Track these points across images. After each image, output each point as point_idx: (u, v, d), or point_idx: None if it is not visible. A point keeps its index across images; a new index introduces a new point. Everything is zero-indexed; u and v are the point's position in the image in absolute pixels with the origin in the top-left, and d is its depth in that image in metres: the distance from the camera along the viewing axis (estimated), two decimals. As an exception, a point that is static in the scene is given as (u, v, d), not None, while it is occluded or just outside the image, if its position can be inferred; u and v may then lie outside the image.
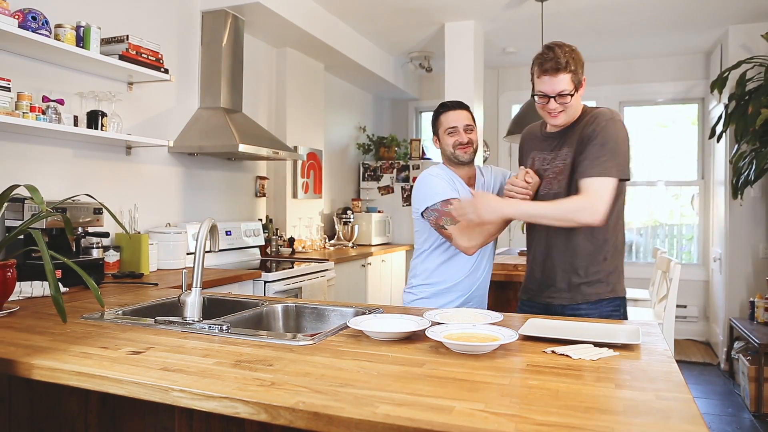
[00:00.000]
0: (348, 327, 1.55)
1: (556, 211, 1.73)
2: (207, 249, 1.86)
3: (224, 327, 1.56)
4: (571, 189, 1.82)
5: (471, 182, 2.15)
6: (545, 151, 1.92)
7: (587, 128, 1.79)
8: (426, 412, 0.96)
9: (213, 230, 1.78)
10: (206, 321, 1.62)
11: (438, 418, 0.93)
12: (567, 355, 1.32)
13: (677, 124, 5.74)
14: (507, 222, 1.97)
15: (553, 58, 1.74)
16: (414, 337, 1.48)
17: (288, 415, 1.00)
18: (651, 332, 1.58)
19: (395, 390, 1.08)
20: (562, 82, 1.74)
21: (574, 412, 0.97)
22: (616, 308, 1.92)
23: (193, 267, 1.64)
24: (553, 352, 1.35)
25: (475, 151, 2.11)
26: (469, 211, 1.79)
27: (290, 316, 1.97)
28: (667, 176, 5.72)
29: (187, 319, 1.62)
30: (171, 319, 1.65)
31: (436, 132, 2.15)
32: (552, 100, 1.77)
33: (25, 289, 2.12)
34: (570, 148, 1.83)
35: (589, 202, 1.70)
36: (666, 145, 5.75)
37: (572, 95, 1.76)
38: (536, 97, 1.81)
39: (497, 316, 1.62)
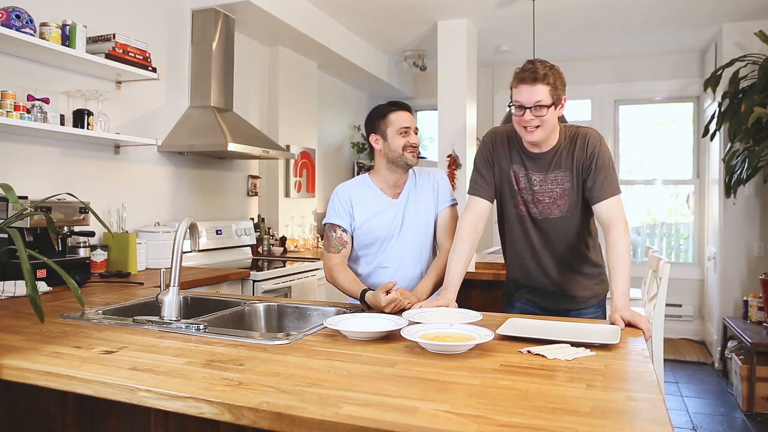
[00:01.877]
0: (326, 327, 1.54)
1: (628, 262, 1.72)
2: (188, 249, 1.85)
3: (201, 326, 1.55)
4: (573, 209, 1.89)
5: (398, 191, 2.05)
6: (532, 171, 1.90)
7: (583, 151, 1.84)
8: (390, 413, 0.95)
9: (193, 229, 1.76)
10: (184, 320, 1.61)
11: (401, 419, 0.92)
12: (542, 355, 1.31)
13: (677, 123, 5.72)
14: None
15: (531, 69, 1.74)
16: (391, 337, 1.48)
17: (251, 416, 0.99)
18: (632, 332, 1.56)
19: (363, 390, 1.07)
20: (540, 92, 1.73)
21: (540, 413, 0.96)
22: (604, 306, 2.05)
23: (171, 266, 1.63)
24: (528, 351, 1.34)
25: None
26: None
27: (272, 315, 1.97)
28: (666, 175, 5.70)
29: (165, 318, 1.61)
30: (149, 318, 1.64)
31: (379, 131, 1.99)
32: (528, 111, 1.75)
33: (8, 288, 2.11)
34: (567, 173, 1.87)
35: (621, 228, 1.76)
36: (665, 143, 5.73)
37: (549, 108, 1.74)
38: (513, 108, 1.80)
39: (476, 315, 1.61)
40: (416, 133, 2.01)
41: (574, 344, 1.39)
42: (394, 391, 1.06)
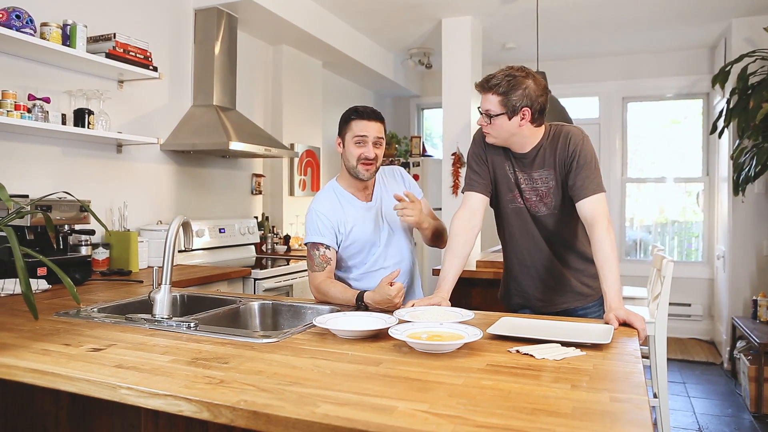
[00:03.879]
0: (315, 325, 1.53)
1: (616, 260, 1.72)
2: (183, 247, 1.86)
3: (192, 324, 1.55)
4: (561, 206, 1.90)
5: (369, 192, 2.03)
6: (518, 170, 1.92)
7: (564, 150, 1.85)
8: (366, 413, 0.94)
9: (186, 227, 1.77)
10: (176, 318, 1.62)
11: (376, 419, 0.92)
12: (531, 355, 1.30)
13: (687, 120, 5.64)
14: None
15: (488, 78, 1.79)
16: (381, 336, 1.47)
17: (229, 414, 0.99)
18: (626, 331, 1.54)
19: (343, 389, 1.06)
20: (488, 101, 1.78)
21: (519, 413, 0.95)
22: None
23: (163, 264, 1.63)
24: (517, 351, 1.33)
25: (377, 170, 1.99)
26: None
27: (267, 314, 1.96)
28: (677, 173, 5.62)
29: (156, 316, 1.61)
30: (142, 316, 1.65)
31: (341, 134, 1.98)
32: (482, 115, 1.83)
33: (8, 286, 2.13)
34: (550, 171, 1.88)
35: (604, 226, 1.75)
36: (675, 141, 5.65)
37: (497, 117, 1.77)
38: (479, 110, 1.87)
39: (468, 314, 1.60)
40: (378, 145, 1.93)
41: (564, 344, 1.38)
42: (375, 391, 1.06)
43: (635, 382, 1.12)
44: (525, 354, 1.31)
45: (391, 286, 1.71)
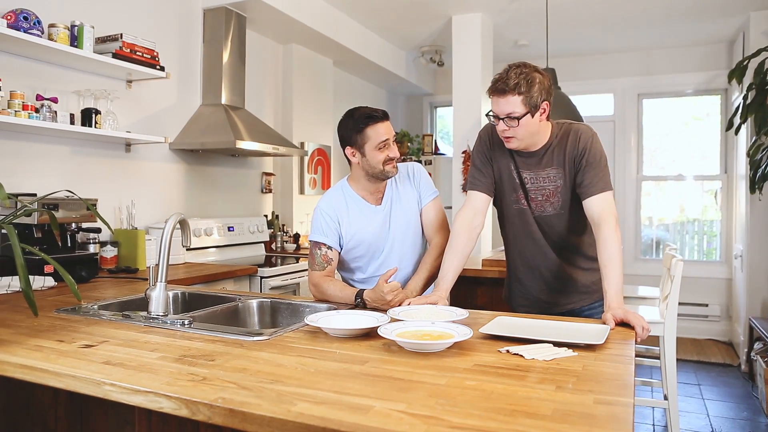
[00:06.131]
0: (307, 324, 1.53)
1: (620, 260, 1.69)
2: (184, 246, 1.87)
3: (186, 321, 1.56)
4: (567, 206, 1.87)
5: (380, 196, 2.01)
6: (522, 169, 1.88)
7: (575, 147, 1.82)
8: (342, 412, 0.94)
9: (183, 225, 1.78)
10: (172, 316, 1.63)
11: (350, 418, 0.91)
12: (520, 355, 1.28)
13: (711, 117, 5.51)
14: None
15: (503, 79, 1.72)
16: (373, 334, 1.46)
17: (206, 411, 0.99)
18: (624, 332, 1.51)
19: (323, 388, 1.06)
20: (510, 103, 1.72)
21: (497, 415, 0.93)
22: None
23: (158, 262, 1.65)
24: (507, 351, 1.31)
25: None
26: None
27: (265, 312, 1.97)
28: (697, 170, 5.50)
29: (152, 313, 1.63)
30: (139, 313, 1.66)
31: (356, 145, 1.90)
32: (501, 121, 1.76)
33: (15, 283, 2.17)
34: (559, 169, 1.84)
35: (611, 225, 1.72)
36: (698, 138, 5.52)
37: (521, 118, 1.72)
38: (491, 117, 1.80)
39: (462, 313, 1.58)
40: (395, 141, 1.93)
41: (557, 344, 1.35)
42: (355, 390, 1.05)
43: (623, 383, 1.10)
44: (515, 354, 1.29)
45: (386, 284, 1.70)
